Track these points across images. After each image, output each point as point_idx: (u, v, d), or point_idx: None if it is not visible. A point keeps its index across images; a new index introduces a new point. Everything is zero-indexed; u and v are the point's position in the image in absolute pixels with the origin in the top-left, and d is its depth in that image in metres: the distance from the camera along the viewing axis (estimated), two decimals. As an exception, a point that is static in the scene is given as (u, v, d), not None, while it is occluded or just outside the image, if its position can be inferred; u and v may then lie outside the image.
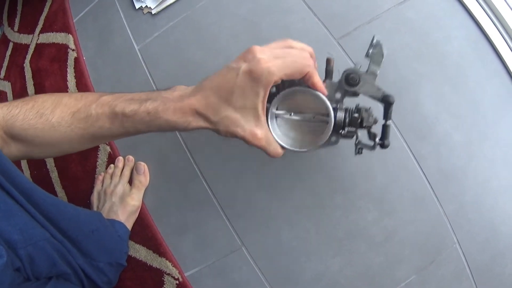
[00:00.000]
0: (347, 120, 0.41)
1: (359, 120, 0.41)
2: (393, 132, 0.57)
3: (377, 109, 0.41)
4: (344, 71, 0.41)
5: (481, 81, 0.58)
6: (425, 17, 0.60)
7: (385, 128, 0.42)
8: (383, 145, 0.42)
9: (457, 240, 0.55)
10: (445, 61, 0.58)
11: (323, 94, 0.39)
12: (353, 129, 0.41)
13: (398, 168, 0.57)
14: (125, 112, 0.37)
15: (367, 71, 0.42)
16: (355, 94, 0.43)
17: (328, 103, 0.39)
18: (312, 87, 0.38)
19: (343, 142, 0.59)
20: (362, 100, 0.42)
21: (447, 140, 0.56)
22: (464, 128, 0.56)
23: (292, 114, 0.42)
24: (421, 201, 0.56)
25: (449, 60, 0.58)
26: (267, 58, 0.35)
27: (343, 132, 0.41)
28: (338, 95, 0.42)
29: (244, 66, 0.35)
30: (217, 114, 0.36)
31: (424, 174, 0.56)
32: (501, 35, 0.59)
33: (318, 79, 0.38)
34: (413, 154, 0.57)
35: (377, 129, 0.41)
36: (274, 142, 0.39)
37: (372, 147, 0.41)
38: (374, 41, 0.41)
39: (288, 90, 0.40)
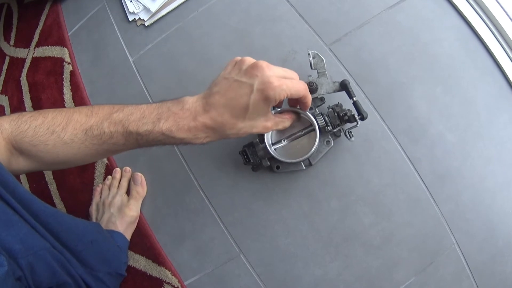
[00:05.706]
0: (327, 118, 0.50)
1: (336, 113, 0.49)
2: (386, 135, 0.57)
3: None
4: None
5: (473, 80, 0.58)
6: (415, 20, 0.60)
7: (355, 104, 0.49)
8: (362, 118, 0.49)
9: (456, 241, 0.55)
10: (437, 63, 0.58)
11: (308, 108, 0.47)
12: (337, 122, 0.49)
13: (393, 171, 0.57)
14: (139, 132, 0.39)
15: (318, 77, 0.51)
16: (322, 100, 0.53)
17: (310, 114, 0.49)
18: (304, 105, 0.45)
19: (336, 148, 0.60)
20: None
21: (441, 141, 0.56)
22: (457, 128, 0.56)
23: (285, 139, 0.51)
24: (418, 203, 0.56)
25: (440, 61, 0.58)
26: (277, 78, 0.37)
27: (329, 128, 0.50)
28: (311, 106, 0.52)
29: (257, 84, 0.37)
30: (233, 128, 0.39)
31: (419, 175, 0.56)
32: (492, 33, 0.59)
33: (310, 99, 0.44)
34: (407, 156, 0.57)
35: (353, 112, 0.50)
36: (281, 121, 0.45)
37: (356, 124, 0.49)
38: (311, 53, 0.50)
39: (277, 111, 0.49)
